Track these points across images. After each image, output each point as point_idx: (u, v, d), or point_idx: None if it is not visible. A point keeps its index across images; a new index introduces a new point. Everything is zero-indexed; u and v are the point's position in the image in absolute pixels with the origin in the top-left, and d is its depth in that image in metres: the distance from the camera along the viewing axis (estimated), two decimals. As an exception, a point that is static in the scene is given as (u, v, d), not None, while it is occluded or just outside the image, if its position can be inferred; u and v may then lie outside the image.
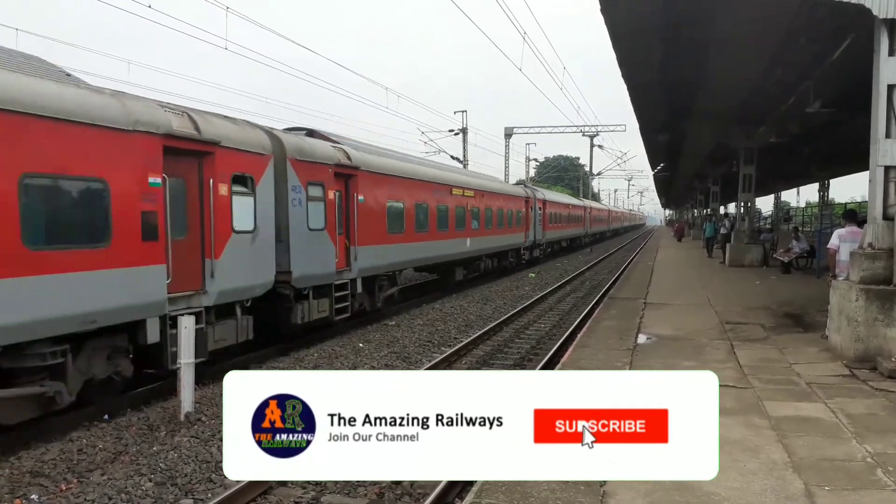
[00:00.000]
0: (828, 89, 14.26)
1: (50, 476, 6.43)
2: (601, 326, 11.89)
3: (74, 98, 7.38)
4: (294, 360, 11.33)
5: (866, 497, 4.54)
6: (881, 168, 8.55)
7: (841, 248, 9.79)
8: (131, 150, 7.84)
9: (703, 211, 50.28)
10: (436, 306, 17.70)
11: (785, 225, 37.27)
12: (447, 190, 19.38)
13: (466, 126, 39.14)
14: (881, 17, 8.19)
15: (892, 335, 8.23)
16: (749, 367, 8.53)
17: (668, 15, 11.59)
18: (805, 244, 22.44)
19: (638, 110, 20.37)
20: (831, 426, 6.10)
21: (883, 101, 8.41)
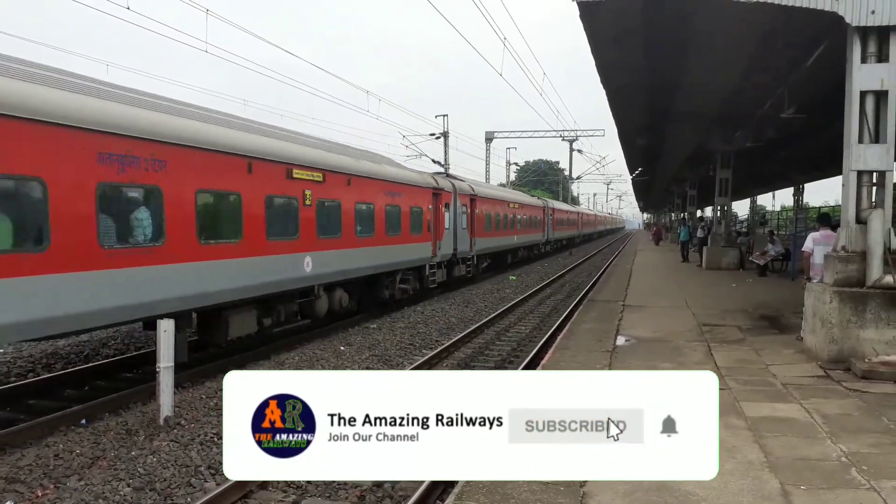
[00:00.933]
0: (802, 95, 14.50)
1: (25, 482, 6.33)
2: (581, 329, 11.97)
3: (415, 177, 18.95)
4: (275, 362, 11.28)
5: (841, 496, 4.63)
6: (854, 172, 8.72)
7: (815, 251, 9.95)
8: (426, 195, 19.21)
9: (682, 214, 50.65)
10: (417, 309, 17.70)
11: (761, 228, 37.82)
12: (507, 204, 30.55)
13: (447, 130, 39.19)
14: (854, 25, 8.36)
15: (866, 336, 8.39)
16: (726, 368, 8.65)
17: (647, 20, 11.72)
18: (780, 247, 22.79)
19: (617, 115, 20.54)
20: (807, 426, 6.20)
21: (856, 107, 8.58)
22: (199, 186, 9.63)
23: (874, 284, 8.42)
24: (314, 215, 12.58)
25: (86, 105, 8.00)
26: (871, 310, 8.38)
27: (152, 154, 8.68)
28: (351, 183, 14.09)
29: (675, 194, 51.79)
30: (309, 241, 12.37)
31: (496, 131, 49.38)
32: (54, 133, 7.39)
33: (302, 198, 12.23)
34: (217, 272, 9.94)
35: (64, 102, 7.68)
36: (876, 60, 8.46)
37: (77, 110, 7.77)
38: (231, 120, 11.64)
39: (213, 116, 11.04)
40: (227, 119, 11.51)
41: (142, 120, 8.70)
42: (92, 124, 7.86)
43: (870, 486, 4.76)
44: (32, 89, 7.38)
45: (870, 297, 8.41)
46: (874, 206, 8.69)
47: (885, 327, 8.34)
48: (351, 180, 14.10)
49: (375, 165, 16.20)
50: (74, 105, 7.79)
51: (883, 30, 8.38)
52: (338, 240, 13.51)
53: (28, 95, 7.24)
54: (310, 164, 12.51)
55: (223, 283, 10.08)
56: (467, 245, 23.32)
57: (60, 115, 7.48)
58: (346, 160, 14.38)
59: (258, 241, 10.86)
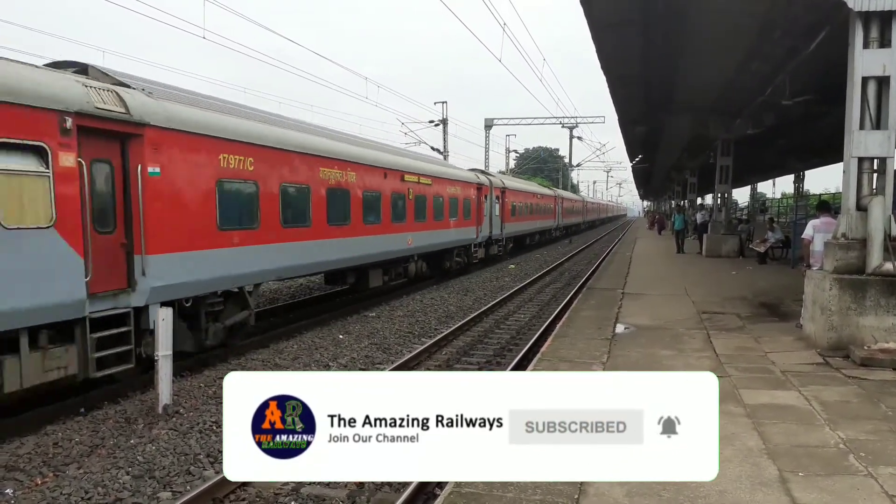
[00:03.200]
0: (802, 82, 14.43)
1: (25, 470, 6.34)
2: (580, 316, 11.97)
3: (467, 175, 24.84)
4: (273, 351, 11.27)
5: (839, 483, 4.63)
6: (855, 159, 8.68)
7: (815, 238, 9.93)
8: (473, 189, 24.31)
9: (681, 202, 50.48)
10: (416, 297, 17.70)
11: (761, 216, 37.77)
12: (528, 195, 35.04)
13: (447, 117, 39.09)
14: (856, 10, 8.30)
15: (865, 324, 8.39)
16: (725, 355, 8.64)
17: (647, 5, 11.64)
18: (780, 234, 22.76)
19: (617, 102, 20.46)
20: (805, 413, 6.20)
21: (857, 93, 8.52)
22: (366, 188, 14.88)
23: (874, 271, 8.40)
24: (413, 206, 17.89)
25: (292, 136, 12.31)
26: (870, 297, 8.37)
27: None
28: (432, 183, 19.40)
29: (675, 182, 51.65)
30: (410, 224, 17.72)
31: (495, 118, 49.16)
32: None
33: (407, 193, 17.46)
34: (367, 244, 15.09)
35: (278, 135, 11.65)
36: (878, 46, 8.38)
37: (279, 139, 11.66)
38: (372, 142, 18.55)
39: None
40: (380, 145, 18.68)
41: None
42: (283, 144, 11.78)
43: (867, 473, 4.77)
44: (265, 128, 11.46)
45: (869, 284, 8.39)
46: (875, 192, 8.65)
47: (885, 314, 8.33)
48: (433, 180, 19.41)
49: (446, 168, 23.10)
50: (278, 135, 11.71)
51: (885, 15, 8.31)
52: (425, 223, 18.80)
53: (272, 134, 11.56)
54: (414, 170, 18.08)
55: (370, 250, 15.35)
56: (499, 229, 28.01)
57: (273, 140, 11.42)
58: (430, 166, 20.38)
59: (387, 224, 16.20)
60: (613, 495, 4.38)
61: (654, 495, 4.37)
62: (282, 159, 11.55)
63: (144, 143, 8.43)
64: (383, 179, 15.81)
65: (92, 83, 8.01)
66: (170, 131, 8.87)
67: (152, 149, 8.56)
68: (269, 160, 11.18)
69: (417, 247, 18.27)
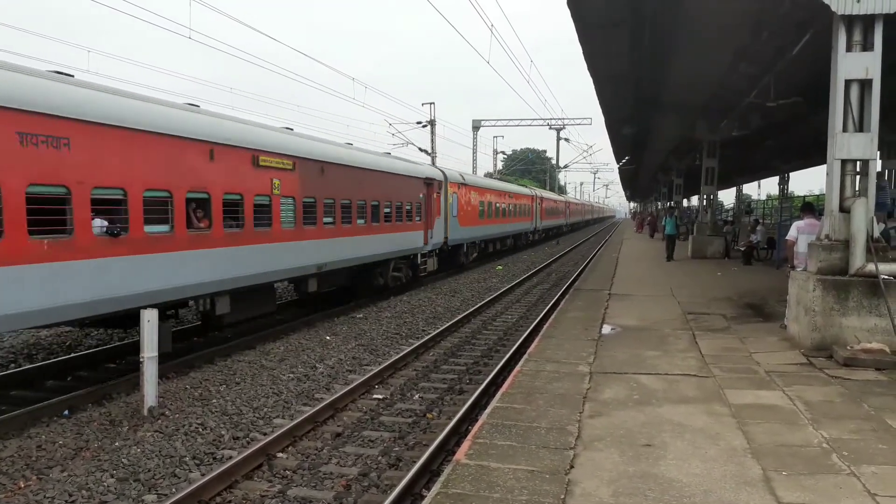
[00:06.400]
0: (787, 84, 14.54)
1: (7, 473, 6.27)
2: (567, 317, 12.00)
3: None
4: (260, 352, 11.22)
5: (822, 482, 4.67)
6: (838, 161, 8.76)
7: (799, 239, 10.02)
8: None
9: (668, 203, 50.61)
10: (403, 298, 17.68)
11: (746, 217, 38.05)
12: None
13: (434, 118, 39.05)
14: (839, 14, 8.37)
15: (848, 324, 8.47)
16: (710, 356, 8.69)
17: (637, 6, 11.68)
18: (759, 236, 23.03)
19: (604, 103, 20.51)
20: (789, 413, 6.24)
21: (840, 95, 8.60)
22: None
23: (857, 272, 8.49)
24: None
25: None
26: (853, 297, 8.45)
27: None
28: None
29: (661, 183, 51.94)
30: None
31: (483, 119, 49.22)
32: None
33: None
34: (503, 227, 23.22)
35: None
36: (861, 49, 8.47)
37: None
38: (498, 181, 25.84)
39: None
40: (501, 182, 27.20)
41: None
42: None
43: (850, 472, 4.81)
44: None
45: (852, 285, 8.47)
46: (857, 194, 8.74)
47: (867, 315, 8.42)
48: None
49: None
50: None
51: (868, 18, 8.39)
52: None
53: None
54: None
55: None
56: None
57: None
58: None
59: (502, 219, 24.01)
60: (599, 495, 4.39)
61: (639, 495, 4.39)
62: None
63: (466, 188, 21.45)
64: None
65: (454, 171, 23.84)
66: (468, 185, 20.66)
67: (466, 190, 20.42)
68: None
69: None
